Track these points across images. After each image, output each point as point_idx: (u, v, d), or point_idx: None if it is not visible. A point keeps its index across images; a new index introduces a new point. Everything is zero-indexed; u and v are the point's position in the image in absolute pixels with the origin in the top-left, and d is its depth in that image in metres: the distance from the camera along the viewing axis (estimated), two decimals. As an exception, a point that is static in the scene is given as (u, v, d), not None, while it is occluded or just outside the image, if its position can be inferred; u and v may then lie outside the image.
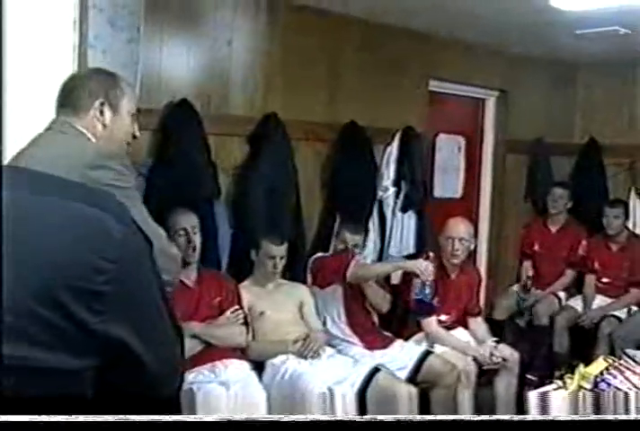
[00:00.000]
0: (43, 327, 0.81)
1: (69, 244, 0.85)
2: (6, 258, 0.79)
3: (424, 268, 3.57)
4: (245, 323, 3.47)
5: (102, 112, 1.98)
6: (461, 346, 3.91)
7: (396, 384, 3.41)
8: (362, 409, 3.28)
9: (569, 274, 5.29)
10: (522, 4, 3.86)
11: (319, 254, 3.97)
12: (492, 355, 3.86)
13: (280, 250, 3.66)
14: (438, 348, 3.82)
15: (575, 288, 5.30)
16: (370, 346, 3.77)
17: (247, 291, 3.62)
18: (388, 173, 4.55)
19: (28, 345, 0.80)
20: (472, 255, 4.61)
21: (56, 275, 0.83)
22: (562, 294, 5.24)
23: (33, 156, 1.89)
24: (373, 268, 3.91)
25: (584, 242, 5.24)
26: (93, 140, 1.97)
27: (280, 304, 3.66)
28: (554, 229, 5.41)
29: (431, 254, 3.77)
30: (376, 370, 3.43)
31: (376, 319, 4.01)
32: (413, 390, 3.38)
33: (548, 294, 5.18)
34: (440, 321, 3.98)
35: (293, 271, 3.90)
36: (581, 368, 2.35)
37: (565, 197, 5.30)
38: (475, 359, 3.83)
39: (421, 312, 3.86)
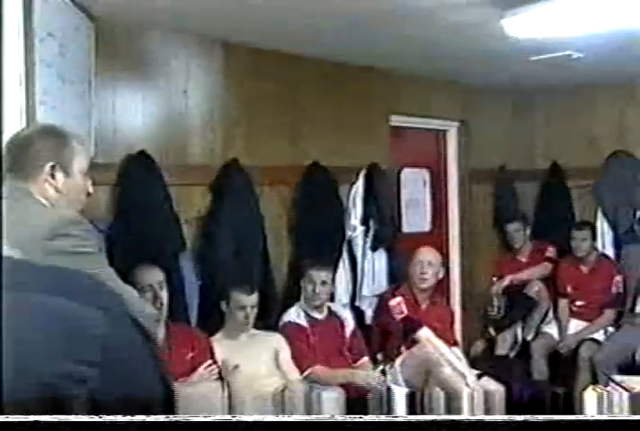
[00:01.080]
0: None
1: (43, 348, 0.77)
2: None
3: (374, 379, 3.59)
4: (220, 378, 3.34)
5: (53, 176, 1.87)
6: (459, 365, 3.82)
7: None
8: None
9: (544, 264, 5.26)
10: (478, 34, 3.85)
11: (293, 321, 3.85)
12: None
13: (250, 300, 3.56)
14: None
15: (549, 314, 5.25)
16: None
17: (219, 344, 3.51)
18: (355, 212, 4.49)
19: None
20: (443, 286, 4.58)
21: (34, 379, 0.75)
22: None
23: None
24: (328, 374, 3.74)
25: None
26: (47, 205, 1.86)
27: (254, 356, 3.55)
28: (524, 259, 5.39)
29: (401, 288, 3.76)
30: None
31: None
32: None
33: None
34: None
35: (265, 320, 3.78)
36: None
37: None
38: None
39: (410, 326, 3.91)
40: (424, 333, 3.91)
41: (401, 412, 3.44)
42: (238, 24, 3.63)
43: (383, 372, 3.79)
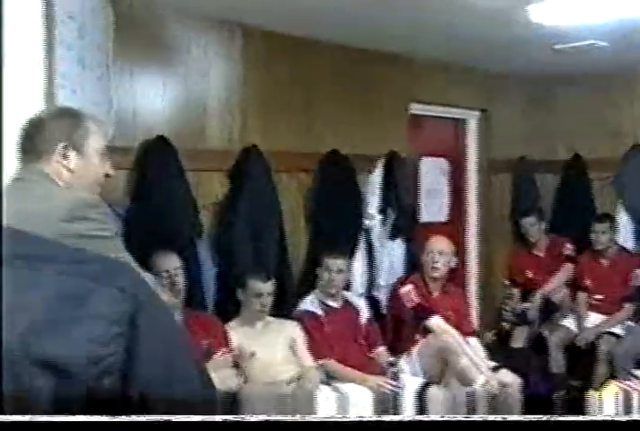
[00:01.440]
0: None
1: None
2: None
3: (385, 384, 3.54)
4: (236, 365, 3.33)
5: (65, 156, 1.83)
6: (476, 359, 3.78)
7: None
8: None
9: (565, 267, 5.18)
10: (502, 20, 3.80)
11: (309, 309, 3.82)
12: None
13: (266, 287, 3.53)
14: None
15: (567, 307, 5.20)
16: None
17: (235, 331, 3.49)
18: (374, 201, 4.45)
19: None
20: (458, 276, 4.54)
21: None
22: None
23: (7, 213, 1.75)
24: (342, 372, 3.70)
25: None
26: (63, 187, 1.82)
27: (270, 343, 3.53)
28: (540, 253, 5.33)
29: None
30: None
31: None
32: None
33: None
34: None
35: (281, 307, 3.76)
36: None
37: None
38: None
39: (422, 314, 3.88)
40: (435, 321, 3.88)
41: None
42: (257, 9, 3.60)
43: (395, 375, 3.74)
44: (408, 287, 4.02)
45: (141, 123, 3.48)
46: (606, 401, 2.94)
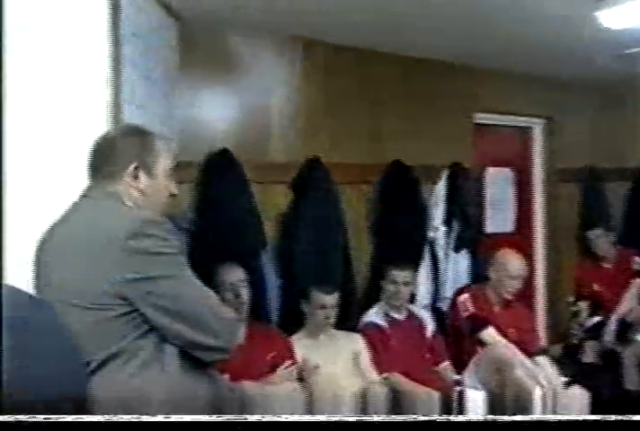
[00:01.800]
0: None
1: None
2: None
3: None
4: (300, 379, 3.31)
5: (136, 177, 1.84)
6: (531, 367, 3.69)
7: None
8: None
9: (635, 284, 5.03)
10: (569, 27, 3.72)
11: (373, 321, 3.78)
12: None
13: (331, 299, 3.51)
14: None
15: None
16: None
17: (299, 344, 3.48)
18: (438, 212, 4.40)
19: None
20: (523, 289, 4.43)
21: None
22: None
23: (72, 229, 1.78)
24: (407, 386, 3.59)
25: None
26: (130, 206, 1.84)
27: (334, 356, 3.51)
28: (609, 266, 5.19)
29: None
30: None
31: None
32: None
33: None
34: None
35: (345, 320, 3.73)
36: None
37: (604, 236, 5.08)
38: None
39: (475, 325, 3.80)
40: (488, 332, 3.80)
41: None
42: (319, 22, 3.60)
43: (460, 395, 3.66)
44: (465, 296, 3.94)
45: (205, 136, 3.51)
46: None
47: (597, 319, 5.04)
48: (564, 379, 3.84)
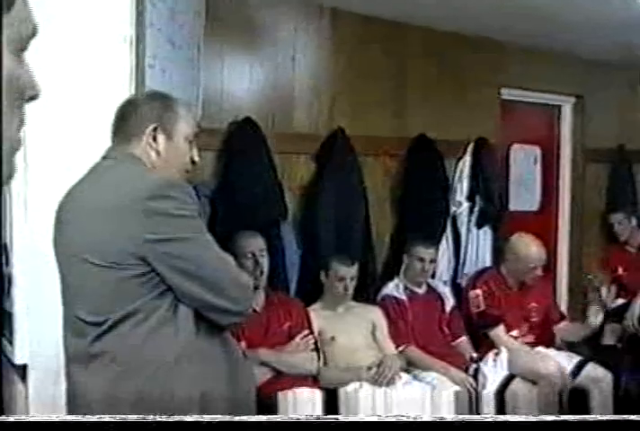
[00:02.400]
0: None
1: None
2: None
3: (468, 383, 3.43)
4: (316, 349, 3.32)
5: (154, 138, 1.85)
6: (540, 356, 3.68)
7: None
8: None
9: None
10: (602, 5, 3.64)
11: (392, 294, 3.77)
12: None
13: (350, 271, 3.51)
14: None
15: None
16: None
17: (317, 315, 3.48)
18: (461, 188, 4.36)
19: None
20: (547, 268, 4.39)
21: None
22: None
23: (93, 189, 1.80)
24: (423, 360, 3.61)
25: None
26: (150, 168, 1.85)
27: (351, 328, 3.51)
28: (633, 250, 5.12)
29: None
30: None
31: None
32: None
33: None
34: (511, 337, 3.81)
35: (363, 292, 3.73)
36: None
37: (625, 220, 5.07)
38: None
39: (485, 322, 3.76)
40: (496, 332, 3.76)
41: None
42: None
43: (476, 371, 3.65)
44: (477, 292, 3.86)
45: (229, 105, 3.50)
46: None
47: (620, 301, 5.00)
48: (578, 358, 3.81)
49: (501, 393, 3.52)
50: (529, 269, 3.83)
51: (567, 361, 3.75)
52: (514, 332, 3.83)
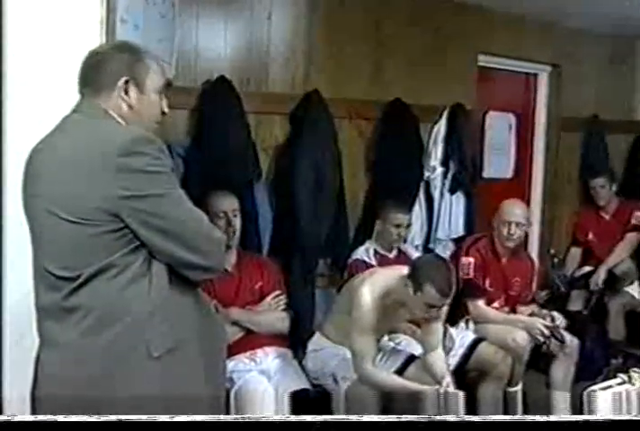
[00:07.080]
0: None
1: None
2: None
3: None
4: (287, 309, 3.34)
5: (126, 91, 1.83)
6: (512, 318, 3.77)
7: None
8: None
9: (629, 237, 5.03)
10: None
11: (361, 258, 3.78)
12: (554, 327, 3.68)
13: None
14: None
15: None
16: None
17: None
18: (436, 153, 4.37)
19: None
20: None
21: None
22: None
23: (64, 143, 1.78)
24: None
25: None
26: (122, 122, 1.83)
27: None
28: (607, 216, 5.18)
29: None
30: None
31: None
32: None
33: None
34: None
35: (335, 257, 3.76)
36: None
37: (607, 185, 5.08)
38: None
39: (469, 293, 3.78)
40: (476, 305, 3.80)
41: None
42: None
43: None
44: (470, 260, 3.89)
45: (203, 64, 3.46)
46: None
47: (587, 269, 5.08)
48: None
49: (467, 357, 3.59)
50: (509, 231, 3.84)
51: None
52: (495, 304, 3.89)
